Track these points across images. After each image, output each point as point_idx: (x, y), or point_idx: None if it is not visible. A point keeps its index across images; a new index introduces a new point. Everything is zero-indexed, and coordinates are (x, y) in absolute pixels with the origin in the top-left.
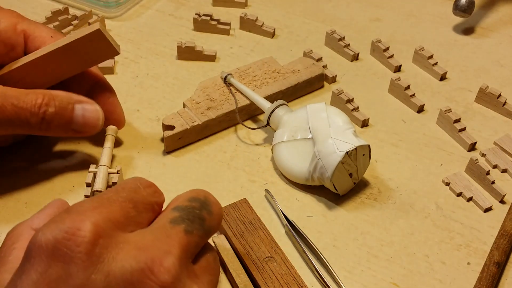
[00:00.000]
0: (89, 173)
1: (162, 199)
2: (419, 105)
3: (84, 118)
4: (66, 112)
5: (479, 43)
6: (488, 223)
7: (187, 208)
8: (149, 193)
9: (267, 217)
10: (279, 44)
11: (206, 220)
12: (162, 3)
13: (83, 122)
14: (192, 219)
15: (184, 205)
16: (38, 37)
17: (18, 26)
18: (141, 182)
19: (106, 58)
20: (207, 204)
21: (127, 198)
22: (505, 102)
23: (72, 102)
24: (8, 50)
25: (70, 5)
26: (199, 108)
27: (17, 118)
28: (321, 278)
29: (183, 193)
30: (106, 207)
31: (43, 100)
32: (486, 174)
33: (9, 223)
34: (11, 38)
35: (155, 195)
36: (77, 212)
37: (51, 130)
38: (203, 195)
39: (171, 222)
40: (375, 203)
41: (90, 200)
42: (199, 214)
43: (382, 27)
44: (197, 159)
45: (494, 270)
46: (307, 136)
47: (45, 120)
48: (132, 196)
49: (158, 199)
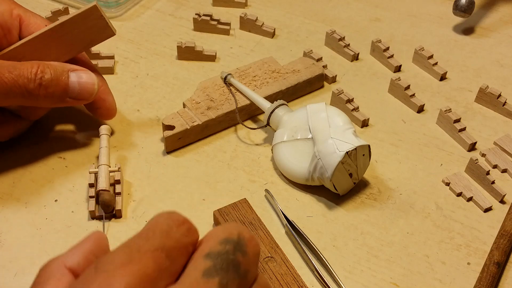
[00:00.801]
0: (90, 174)
1: (197, 237)
2: (419, 105)
3: (80, 84)
4: (62, 79)
5: (479, 43)
6: (488, 223)
7: (220, 254)
8: (183, 233)
9: (267, 217)
10: (279, 44)
11: (241, 264)
12: (162, 3)
13: (79, 88)
14: (226, 267)
15: (217, 250)
16: (33, 23)
17: (14, 11)
18: (173, 219)
19: (102, 39)
20: (241, 244)
21: (160, 246)
22: (505, 102)
23: (66, 70)
24: (5, 32)
25: (70, 5)
26: (199, 108)
27: (15, 84)
28: (321, 278)
29: (216, 230)
30: (137, 263)
31: (38, 68)
32: (486, 174)
33: (9, 223)
34: (7, 22)
35: (189, 234)
36: (106, 270)
37: (49, 98)
38: (236, 233)
39: (204, 276)
40: (375, 203)
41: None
42: (234, 259)
43: (382, 27)
44: (197, 159)
45: (494, 270)
46: (307, 136)
47: (43, 86)
48: (165, 243)
49: (192, 238)
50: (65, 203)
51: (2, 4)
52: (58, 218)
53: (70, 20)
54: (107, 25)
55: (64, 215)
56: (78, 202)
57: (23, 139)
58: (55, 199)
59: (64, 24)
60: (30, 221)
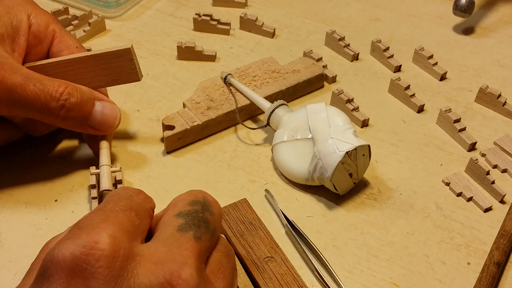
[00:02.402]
0: (91, 175)
1: (154, 204)
2: (419, 105)
3: (103, 115)
4: (87, 106)
5: (479, 43)
6: (488, 223)
7: (190, 213)
8: (142, 199)
9: (267, 217)
10: (279, 44)
11: (210, 222)
12: (162, 3)
13: (101, 119)
14: (198, 223)
15: (187, 209)
16: (64, 42)
17: (51, 25)
18: (131, 190)
19: (127, 81)
20: (208, 205)
21: (127, 207)
22: (505, 102)
23: (93, 97)
24: (37, 43)
25: (70, 5)
26: (199, 108)
27: (37, 100)
28: (321, 278)
29: (181, 196)
30: (114, 218)
31: (66, 89)
32: (486, 174)
33: (9, 223)
34: (42, 33)
35: (147, 200)
36: (90, 226)
37: (67, 121)
38: (201, 196)
39: (179, 230)
40: (375, 203)
41: (94, 213)
42: (203, 217)
43: (382, 27)
44: (197, 159)
45: (494, 270)
46: (307, 136)
47: (65, 108)
48: (131, 204)
49: (151, 204)
50: (65, 203)
51: (42, 16)
52: (58, 218)
53: (103, 54)
54: (135, 70)
55: (64, 215)
56: (78, 202)
57: (23, 139)
58: (55, 199)
59: (96, 56)
60: (30, 221)
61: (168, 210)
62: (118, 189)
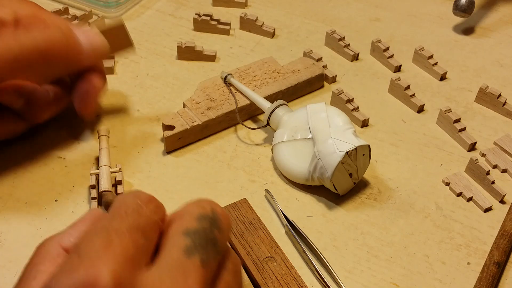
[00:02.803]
0: (91, 176)
1: (164, 212)
2: (419, 105)
3: (88, 37)
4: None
5: (479, 43)
6: (488, 223)
7: (198, 231)
8: (152, 210)
9: (267, 217)
10: (279, 44)
11: (219, 240)
12: (162, 3)
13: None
14: (205, 244)
15: (194, 227)
16: None
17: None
18: (140, 198)
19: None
20: (216, 220)
21: (134, 226)
22: (505, 102)
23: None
24: None
25: (70, 5)
26: (199, 108)
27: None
28: (321, 278)
29: (189, 207)
30: (118, 244)
31: None
32: (486, 174)
33: (9, 223)
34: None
35: (157, 210)
36: (89, 257)
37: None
38: (210, 208)
39: (186, 254)
40: (375, 203)
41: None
42: (211, 236)
43: (382, 27)
44: (197, 159)
45: (494, 270)
46: (307, 136)
47: None
48: (138, 221)
49: (161, 215)
50: (65, 203)
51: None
52: (58, 218)
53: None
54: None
55: (64, 215)
56: (78, 202)
57: (23, 139)
58: (55, 199)
59: None
60: (30, 221)
61: (175, 222)
62: (127, 194)
